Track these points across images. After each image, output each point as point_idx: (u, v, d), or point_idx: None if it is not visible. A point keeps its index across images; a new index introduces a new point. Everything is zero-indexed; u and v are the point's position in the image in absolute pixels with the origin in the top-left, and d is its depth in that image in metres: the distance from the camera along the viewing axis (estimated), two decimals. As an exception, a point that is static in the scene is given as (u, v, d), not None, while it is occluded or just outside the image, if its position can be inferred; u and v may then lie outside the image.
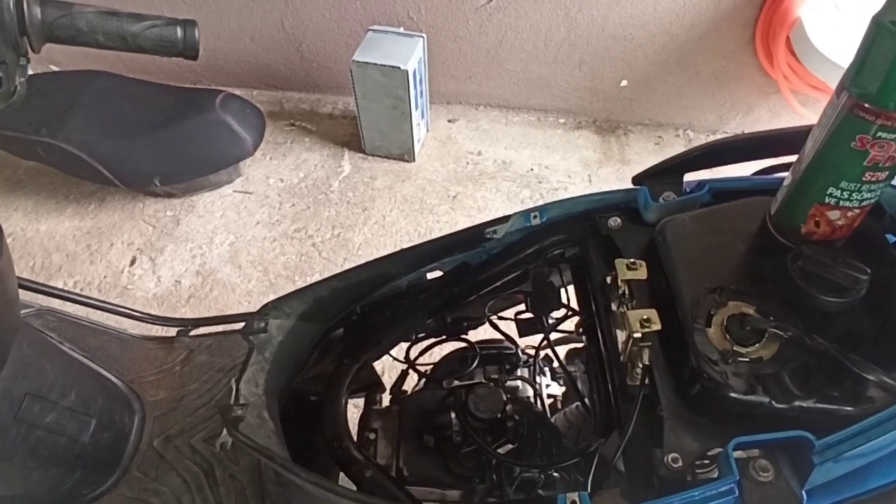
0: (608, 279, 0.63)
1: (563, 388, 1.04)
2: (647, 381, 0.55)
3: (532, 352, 1.02)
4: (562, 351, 1.11)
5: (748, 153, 0.65)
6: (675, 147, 2.16)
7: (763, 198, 0.59)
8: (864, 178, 0.47)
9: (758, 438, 0.46)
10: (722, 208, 0.60)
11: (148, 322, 1.14)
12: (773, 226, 0.55)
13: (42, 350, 0.74)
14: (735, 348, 0.49)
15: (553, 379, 1.03)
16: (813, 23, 1.65)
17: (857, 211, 0.50)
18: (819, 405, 0.46)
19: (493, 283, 0.80)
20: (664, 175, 0.68)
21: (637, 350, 0.54)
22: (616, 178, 2.05)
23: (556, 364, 0.91)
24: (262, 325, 0.74)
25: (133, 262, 1.78)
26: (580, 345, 1.01)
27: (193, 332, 0.99)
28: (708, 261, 0.56)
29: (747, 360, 0.48)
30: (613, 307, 0.59)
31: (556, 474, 0.76)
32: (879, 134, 0.44)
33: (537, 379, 0.96)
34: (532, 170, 2.07)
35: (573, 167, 2.08)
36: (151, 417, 0.82)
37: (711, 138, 2.19)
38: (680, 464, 0.48)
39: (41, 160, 1.79)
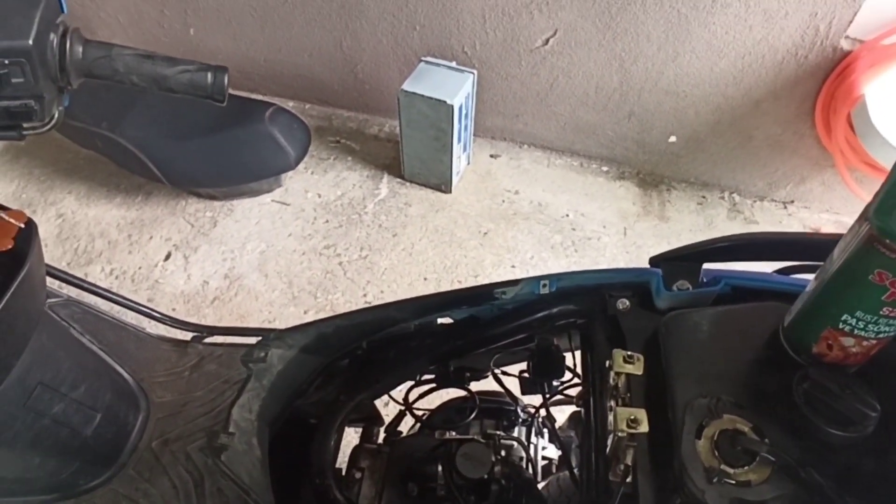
0: (608, 364, 0.62)
1: (560, 452, 1.01)
2: (628, 479, 0.53)
3: (532, 410, 1.00)
4: (567, 412, 1.08)
5: (776, 253, 0.62)
6: (718, 209, 2.10)
7: (780, 304, 0.56)
8: (881, 313, 0.44)
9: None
10: (735, 310, 0.57)
11: (167, 324, 1.16)
12: (784, 338, 0.53)
13: (61, 342, 0.75)
14: (722, 467, 0.46)
15: (550, 441, 1.01)
16: (876, 102, 1.59)
17: (874, 341, 0.47)
18: (804, 545, 0.43)
19: (499, 340, 0.79)
20: (683, 260, 0.66)
21: (623, 447, 0.52)
22: (652, 234, 2.00)
23: (552, 426, 0.89)
24: (262, 354, 0.76)
25: (168, 256, 1.86)
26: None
27: (207, 340, 1.00)
28: (710, 365, 0.53)
29: (733, 482, 0.46)
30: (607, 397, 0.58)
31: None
32: (900, 272, 0.41)
33: (533, 440, 0.94)
34: (567, 215, 2.05)
35: (609, 217, 2.05)
36: (154, 418, 0.82)
37: (758, 204, 2.12)
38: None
39: (98, 150, 1.90)
